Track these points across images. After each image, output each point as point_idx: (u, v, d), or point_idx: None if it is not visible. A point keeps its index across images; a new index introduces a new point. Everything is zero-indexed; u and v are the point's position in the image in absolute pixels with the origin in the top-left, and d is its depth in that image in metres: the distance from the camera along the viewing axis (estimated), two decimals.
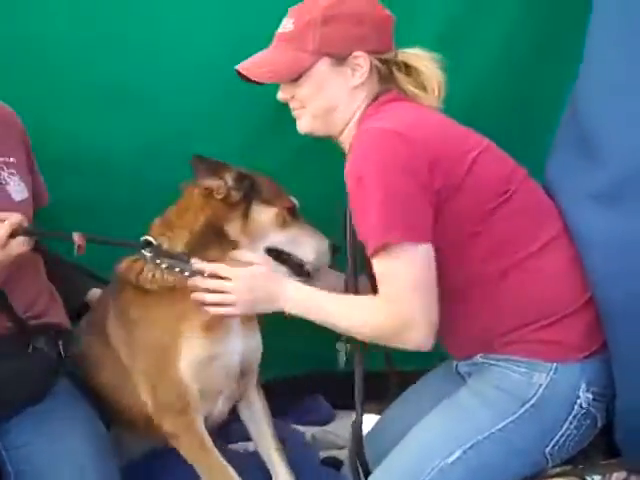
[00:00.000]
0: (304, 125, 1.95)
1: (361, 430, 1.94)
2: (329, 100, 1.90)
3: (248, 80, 1.95)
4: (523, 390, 1.78)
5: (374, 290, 1.80)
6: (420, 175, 1.72)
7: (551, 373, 1.77)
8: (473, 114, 2.11)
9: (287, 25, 1.90)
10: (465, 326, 1.87)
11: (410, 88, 1.92)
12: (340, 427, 2.55)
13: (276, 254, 1.99)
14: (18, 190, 1.93)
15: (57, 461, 1.82)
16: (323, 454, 2.39)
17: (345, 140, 1.93)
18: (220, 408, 2.05)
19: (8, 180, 1.92)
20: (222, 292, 1.88)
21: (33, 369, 1.89)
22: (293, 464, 2.13)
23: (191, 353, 1.91)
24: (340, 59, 1.87)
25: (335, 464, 2.30)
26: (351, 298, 1.90)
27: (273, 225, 1.99)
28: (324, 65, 1.87)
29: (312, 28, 1.85)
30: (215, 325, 1.92)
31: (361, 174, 1.72)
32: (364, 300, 1.84)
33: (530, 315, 1.80)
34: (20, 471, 1.84)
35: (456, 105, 1.96)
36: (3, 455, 1.87)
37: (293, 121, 1.97)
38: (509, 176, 1.83)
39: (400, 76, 1.93)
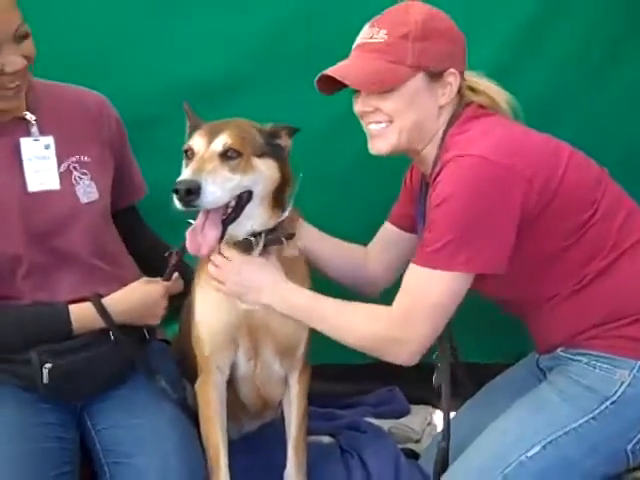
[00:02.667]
0: (386, 143, 1.87)
1: (449, 422, 1.94)
2: (419, 115, 1.84)
3: (323, 89, 1.89)
4: (605, 387, 1.78)
5: None
6: (509, 202, 1.71)
7: (634, 370, 1.77)
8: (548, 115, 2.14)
9: (376, 35, 1.82)
10: (551, 320, 1.88)
11: (482, 101, 1.89)
12: (415, 421, 2.56)
13: None
14: (87, 192, 1.94)
15: (141, 444, 1.87)
16: (399, 447, 2.36)
17: (425, 157, 1.90)
18: (244, 369, 1.99)
19: (78, 181, 1.94)
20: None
21: (114, 356, 1.95)
22: (372, 452, 2.18)
23: (201, 299, 1.94)
24: (435, 76, 1.82)
25: (412, 456, 2.30)
26: (355, 307, 1.88)
27: None
28: (419, 80, 1.81)
29: (411, 42, 1.79)
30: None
31: (448, 196, 1.71)
32: (369, 311, 1.86)
33: (615, 312, 1.80)
34: (107, 451, 1.91)
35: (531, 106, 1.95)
36: (92, 435, 1.94)
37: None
38: (595, 183, 1.82)
39: (471, 94, 1.90)
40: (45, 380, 1.85)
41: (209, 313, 1.94)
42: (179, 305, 2.09)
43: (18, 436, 1.80)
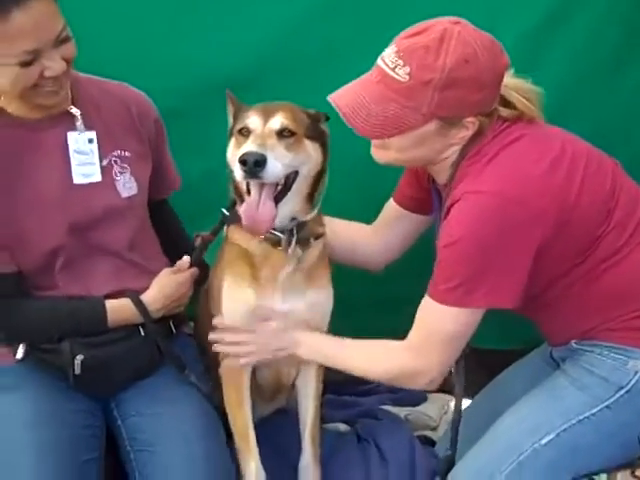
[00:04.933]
0: (386, 157, 1.84)
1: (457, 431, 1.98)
2: (425, 153, 1.79)
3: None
4: (618, 376, 1.81)
5: None
6: (524, 240, 1.70)
7: None
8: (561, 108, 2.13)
9: (399, 71, 1.68)
10: (564, 316, 1.90)
11: (508, 115, 1.81)
12: (431, 409, 2.58)
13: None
14: (127, 187, 1.96)
15: (167, 433, 1.91)
16: (416, 434, 2.39)
17: (436, 172, 1.88)
18: (270, 372, 2.08)
19: (119, 175, 1.96)
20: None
21: (143, 350, 1.98)
22: (388, 439, 2.21)
23: (231, 300, 1.97)
24: (451, 123, 1.74)
25: (428, 443, 2.35)
26: (372, 346, 1.94)
27: None
28: (432, 125, 1.72)
29: (432, 90, 1.66)
30: (261, 278, 1.94)
31: (461, 237, 1.70)
32: (385, 348, 1.91)
33: (628, 304, 1.82)
34: (132, 439, 1.95)
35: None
36: (119, 423, 1.99)
37: None
38: (608, 196, 1.80)
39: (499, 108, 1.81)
40: (77, 371, 1.89)
41: (237, 303, 1.97)
42: (195, 290, 2.14)
43: (48, 423, 1.85)
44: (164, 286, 2.00)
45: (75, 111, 1.90)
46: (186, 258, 2.05)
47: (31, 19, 1.65)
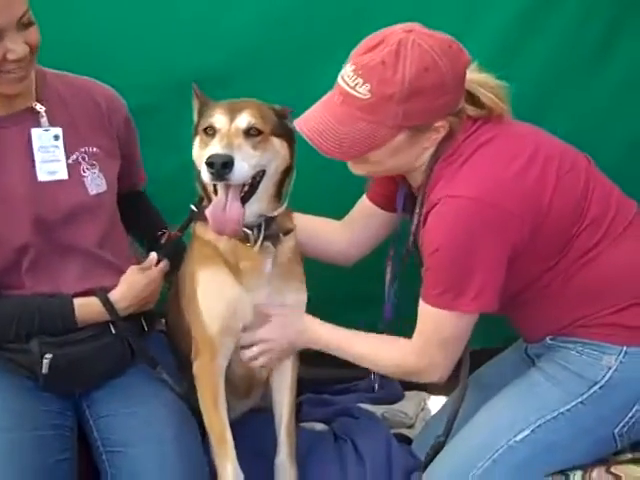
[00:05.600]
0: (363, 170, 1.87)
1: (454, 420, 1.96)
2: (401, 161, 1.80)
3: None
4: (592, 372, 1.82)
5: None
6: (504, 242, 1.72)
7: (620, 356, 1.80)
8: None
9: (359, 89, 1.67)
10: (540, 313, 1.91)
11: (476, 114, 1.80)
12: (408, 406, 2.57)
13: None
14: (95, 183, 1.95)
15: (139, 433, 1.89)
16: (392, 432, 2.37)
17: (410, 176, 1.89)
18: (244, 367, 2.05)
19: (87, 172, 1.94)
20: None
21: (113, 349, 1.96)
22: (365, 437, 2.20)
23: (205, 285, 1.94)
24: (420, 130, 1.73)
25: (404, 441, 2.33)
26: (380, 339, 1.98)
27: None
28: (401, 136, 1.72)
29: (395, 104, 1.66)
30: (237, 274, 1.92)
31: (442, 245, 1.72)
32: (394, 344, 1.93)
33: (602, 300, 1.83)
34: (104, 439, 1.92)
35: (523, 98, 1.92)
36: (90, 424, 1.96)
37: None
38: (581, 196, 1.81)
39: (466, 106, 1.80)
40: (45, 370, 1.87)
41: (218, 300, 1.94)
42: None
43: (17, 424, 1.82)
44: (132, 283, 1.97)
45: (40, 107, 1.88)
46: (153, 255, 2.03)
47: None
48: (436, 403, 2.53)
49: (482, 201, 1.69)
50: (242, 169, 1.73)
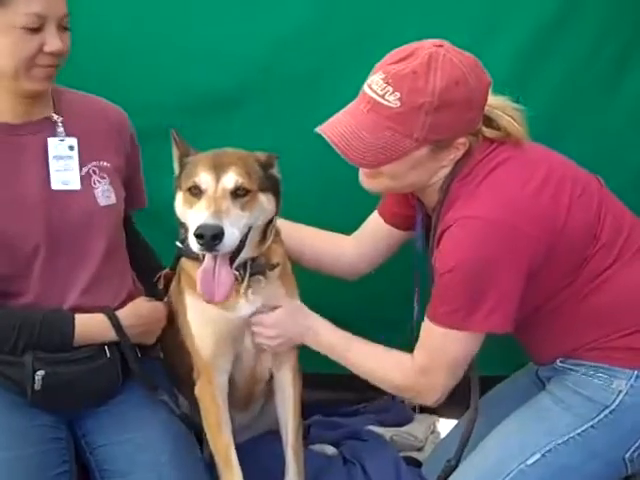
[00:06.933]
0: (377, 186, 1.85)
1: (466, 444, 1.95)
2: (417, 178, 1.79)
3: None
4: (603, 396, 1.81)
5: None
6: (519, 263, 1.71)
7: (632, 380, 1.79)
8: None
9: (389, 97, 1.67)
10: (551, 335, 1.90)
11: (494, 136, 1.81)
12: (418, 429, 2.55)
13: None
14: (105, 196, 1.97)
15: (134, 461, 1.88)
16: (401, 455, 2.36)
17: (426, 196, 1.88)
18: (245, 372, 2.04)
19: (97, 184, 1.96)
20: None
21: (107, 373, 1.95)
22: (374, 460, 2.19)
23: (194, 309, 1.94)
24: (441, 147, 1.73)
25: (414, 464, 2.31)
26: (383, 354, 1.94)
27: None
28: (423, 150, 1.72)
29: (424, 114, 1.65)
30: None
31: (457, 264, 1.71)
32: (396, 360, 1.90)
33: (612, 323, 1.82)
34: (103, 470, 1.92)
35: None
36: (87, 454, 1.95)
37: None
38: (595, 218, 1.81)
39: (483, 129, 1.81)
40: (37, 387, 1.84)
41: (206, 324, 1.94)
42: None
43: (13, 442, 1.81)
44: (139, 306, 2.00)
45: (57, 118, 1.93)
46: None
47: None
48: (446, 426, 2.52)
49: (499, 222, 1.70)
50: (232, 236, 1.70)
